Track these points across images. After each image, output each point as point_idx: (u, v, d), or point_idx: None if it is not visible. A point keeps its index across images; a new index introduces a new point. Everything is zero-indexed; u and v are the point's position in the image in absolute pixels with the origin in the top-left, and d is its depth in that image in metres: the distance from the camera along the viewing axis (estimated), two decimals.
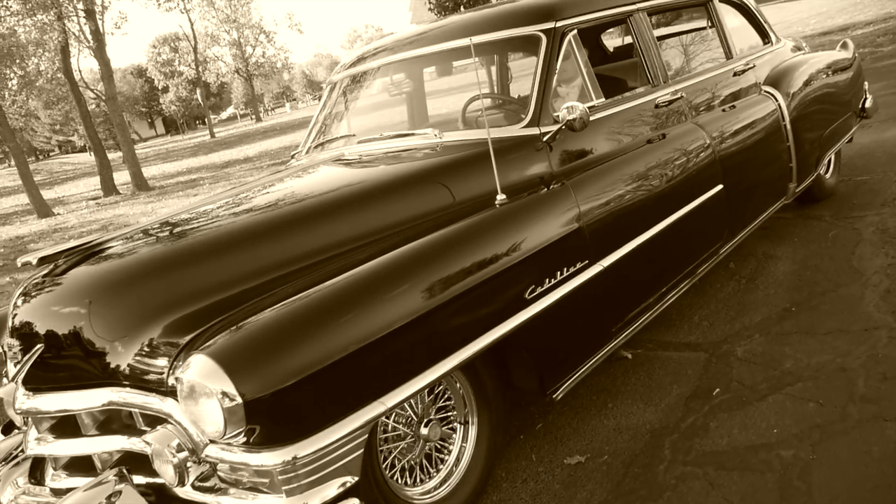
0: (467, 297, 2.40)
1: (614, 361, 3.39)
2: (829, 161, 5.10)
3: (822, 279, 3.77)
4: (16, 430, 2.88)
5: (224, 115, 76.51)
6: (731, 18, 4.63)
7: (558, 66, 3.11)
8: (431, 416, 2.49)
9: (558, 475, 2.68)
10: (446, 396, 2.57)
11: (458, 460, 2.59)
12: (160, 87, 68.46)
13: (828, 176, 5.04)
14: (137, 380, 2.23)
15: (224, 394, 1.91)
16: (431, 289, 2.34)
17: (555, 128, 2.92)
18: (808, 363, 3.01)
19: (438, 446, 2.57)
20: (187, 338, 2.17)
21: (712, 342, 3.39)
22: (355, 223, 2.65)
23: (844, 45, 5.68)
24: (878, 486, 2.23)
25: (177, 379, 2.03)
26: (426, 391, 2.48)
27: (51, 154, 65.88)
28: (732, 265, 4.21)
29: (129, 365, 2.25)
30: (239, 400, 1.90)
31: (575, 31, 3.20)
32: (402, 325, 2.21)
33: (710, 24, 4.33)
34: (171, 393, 2.10)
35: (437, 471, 2.56)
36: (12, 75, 20.50)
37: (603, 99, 3.18)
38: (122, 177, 20.94)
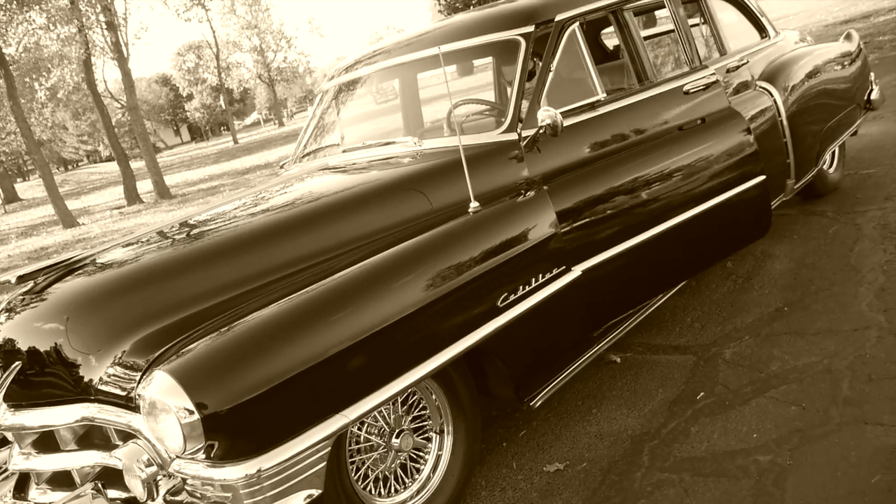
0: (436, 306, 2.40)
1: (602, 366, 3.37)
2: (833, 155, 5.03)
3: (817, 277, 3.72)
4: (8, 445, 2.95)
5: (248, 120, 77.27)
6: (727, 14, 4.59)
7: (552, 65, 3.11)
8: (404, 427, 2.50)
9: (537, 483, 2.68)
10: (421, 406, 2.58)
11: (434, 470, 2.60)
12: (185, 95, 69.29)
13: (831, 170, 4.97)
14: (110, 395, 2.27)
15: (182, 409, 1.94)
16: (399, 299, 2.35)
17: (532, 132, 2.92)
18: (794, 365, 2.97)
19: (414, 456, 2.58)
20: (157, 353, 2.21)
21: (702, 345, 3.36)
22: (331, 234, 2.67)
23: (848, 37, 5.58)
24: (852, 492, 2.20)
25: (139, 395, 2.07)
26: (399, 401, 2.49)
27: (79, 164, 67.04)
28: (730, 264, 4.16)
29: (102, 381, 2.30)
30: (197, 415, 1.93)
31: (575, 25, 3.21)
32: (368, 336, 2.23)
33: (702, 20, 4.29)
34: (139, 408, 2.14)
35: (413, 481, 2.57)
36: (38, 88, 20.92)
37: (585, 101, 3.13)
38: (145, 185, 21.25)
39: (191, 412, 1.93)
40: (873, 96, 5.23)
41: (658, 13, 5.18)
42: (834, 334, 3.13)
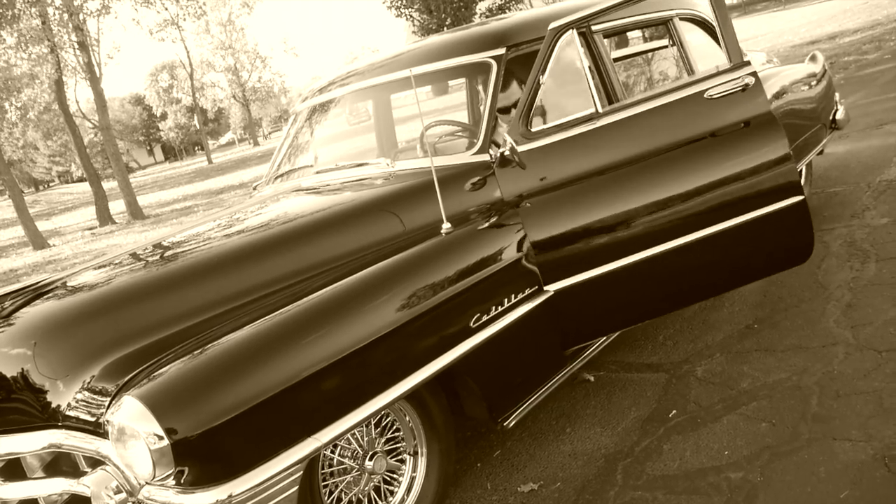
0: (409, 327, 2.41)
1: (575, 384, 3.39)
2: (801, 174, 5.12)
3: (786, 294, 3.77)
4: None
5: (223, 140, 76.92)
6: (695, 36, 4.67)
7: (544, 82, 2.98)
8: (377, 449, 2.49)
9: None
10: (394, 427, 2.58)
11: (408, 492, 2.59)
12: (158, 115, 68.87)
13: None
14: (78, 421, 2.24)
15: (152, 435, 1.92)
16: (371, 320, 2.35)
17: (501, 151, 2.93)
18: (764, 382, 3.01)
19: (388, 478, 2.57)
20: (126, 378, 2.19)
21: (674, 362, 3.39)
22: (303, 255, 2.67)
23: (814, 58, 5.71)
24: None
25: (107, 421, 2.04)
26: (372, 423, 2.49)
27: (50, 184, 66.23)
28: None
29: (70, 406, 2.27)
30: (167, 441, 1.91)
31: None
32: (340, 358, 2.22)
33: (670, 42, 4.36)
34: (108, 434, 2.11)
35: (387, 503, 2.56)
36: (8, 108, 20.68)
37: (561, 120, 3.08)
38: (118, 206, 21.04)
39: (160, 438, 1.91)
40: (839, 116, 5.34)
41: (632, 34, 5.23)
42: (803, 351, 3.17)
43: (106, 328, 2.39)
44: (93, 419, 2.18)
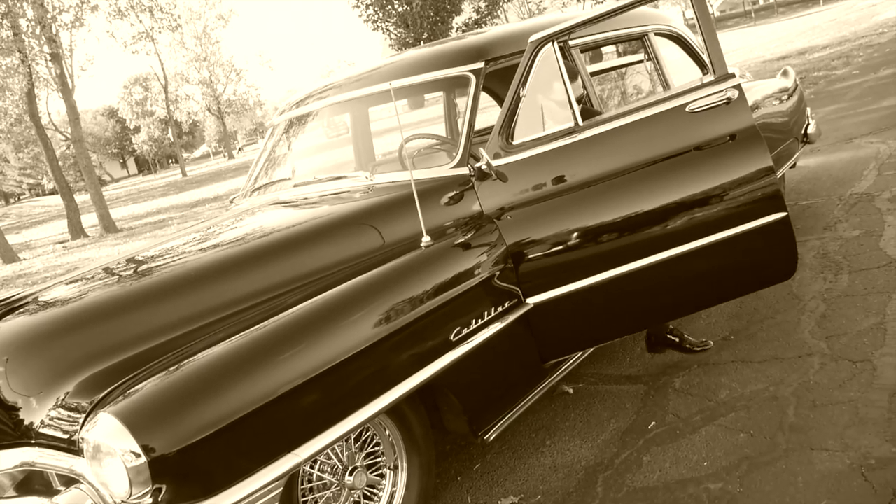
0: (390, 341, 2.39)
1: (555, 397, 3.39)
2: None
3: (761, 306, 3.81)
4: None
5: (197, 153, 76.39)
6: (669, 51, 4.73)
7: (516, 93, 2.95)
8: (357, 464, 2.47)
9: None
10: (374, 442, 2.56)
11: None
12: (132, 128, 68.20)
13: None
14: (51, 439, 2.20)
15: (128, 452, 1.89)
16: (353, 334, 2.34)
17: (479, 165, 2.93)
18: (742, 392, 3.03)
19: (368, 493, 2.55)
20: (101, 395, 2.15)
21: (652, 374, 3.40)
22: (282, 269, 2.65)
23: (785, 73, 5.80)
24: None
25: (82, 438, 2.00)
26: (352, 438, 2.46)
27: (21, 197, 65.27)
28: None
29: (43, 424, 2.23)
30: (144, 458, 1.88)
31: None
32: (320, 373, 2.20)
33: (646, 57, 4.41)
34: (82, 452, 2.07)
35: None
36: None
37: (542, 133, 3.00)
38: (90, 219, 20.76)
39: (137, 455, 1.88)
40: (810, 130, 5.43)
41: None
42: (779, 362, 3.20)
43: (80, 344, 2.35)
44: (67, 436, 2.14)
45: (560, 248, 2.88)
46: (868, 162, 6.17)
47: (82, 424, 2.09)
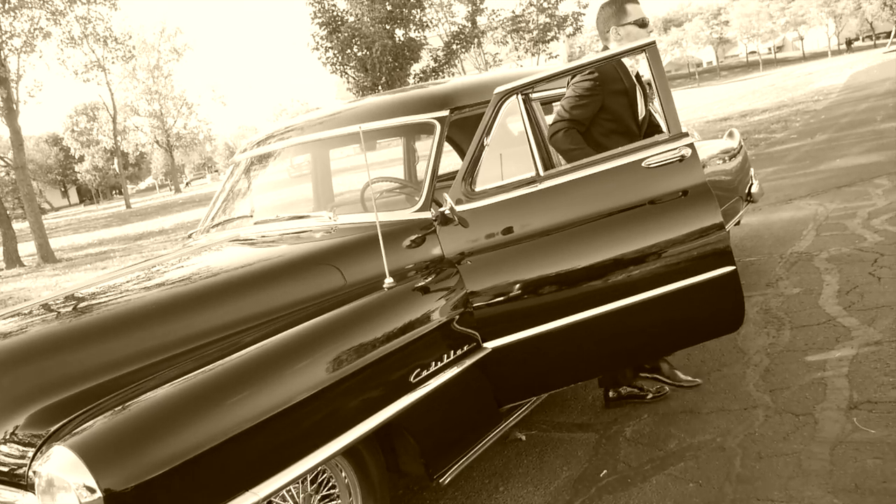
0: (349, 381, 2.39)
1: (508, 443, 3.41)
2: None
3: (708, 359, 3.92)
4: None
5: (142, 185, 75.14)
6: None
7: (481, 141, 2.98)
8: None
9: None
10: (330, 484, 2.53)
11: None
12: (76, 156, 66.78)
13: None
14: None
15: (84, 487, 1.84)
16: (312, 374, 2.33)
17: (442, 210, 2.98)
18: (690, 443, 3.10)
19: None
20: (53, 427, 2.10)
21: (604, 422, 3.46)
22: (243, 306, 2.63)
23: (731, 134, 6.07)
24: None
25: (35, 472, 1.94)
26: (308, 479, 2.44)
27: None
28: None
29: None
30: (99, 494, 1.83)
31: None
32: (278, 412, 2.19)
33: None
34: (33, 487, 2.01)
35: None
36: None
37: (504, 182, 3.08)
38: (27, 248, 20.15)
39: (92, 491, 1.83)
40: (754, 189, 5.66)
41: None
42: (725, 413, 3.29)
43: (30, 376, 2.28)
44: (15, 470, 2.07)
45: (517, 294, 2.93)
46: (807, 222, 6.45)
47: (33, 458, 2.02)
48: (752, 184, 5.72)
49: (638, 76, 3.50)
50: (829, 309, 4.26)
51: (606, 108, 3.31)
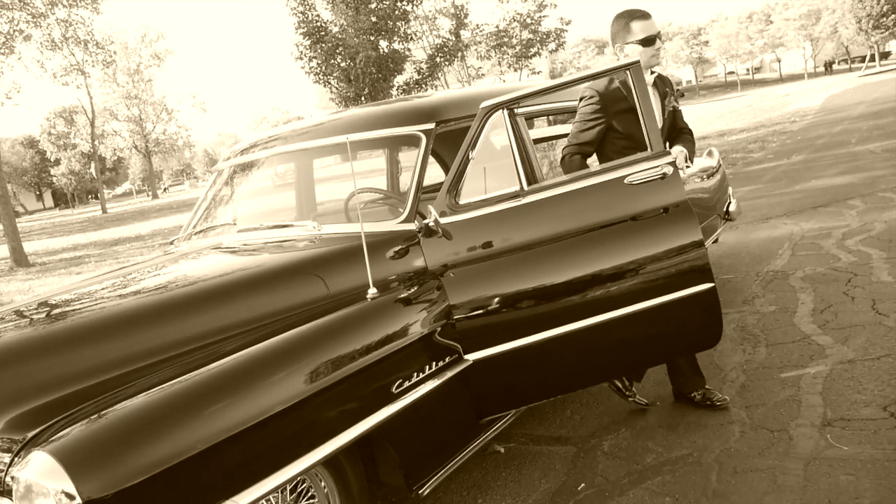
0: (331, 391, 2.40)
1: (487, 455, 3.42)
2: None
3: None
4: None
5: (119, 190, 74.46)
6: None
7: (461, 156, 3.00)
8: None
9: None
10: (310, 494, 2.53)
11: None
12: (52, 159, 66.02)
13: None
14: None
15: (63, 494, 1.83)
16: (294, 383, 2.34)
17: (426, 223, 3.00)
18: (667, 457, 3.13)
19: None
20: (31, 433, 2.08)
21: (582, 436, 3.48)
22: (225, 314, 2.62)
23: (710, 153, 6.16)
24: None
25: (13, 478, 1.93)
26: (287, 488, 2.43)
27: None
28: None
29: None
30: (79, 500, 1.82)
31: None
32: (258, 422, 2.19)
33: None
34: (10, 493, 1.99)
35: None
36: None
37: (488, 195, 3.09)
38: (1, 251, 19.87)
39: (71, 497, 1.82)
40: (731, 208, 5.75)
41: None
42: (702, 428, 3.33)
43: (11, 379, 2.26)
44: None
45: (499, 307, 2.95)
46: (783, 242, 6.55)
47: (10, 464, 2.01)
48: (730, 202, 5.80)
49: (660, 77, 3.56)
50: (803, 327, 4.33)
51: (615, 128, 3.38)
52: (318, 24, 19.36)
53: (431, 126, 3.32)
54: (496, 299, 2.96)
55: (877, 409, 3.19)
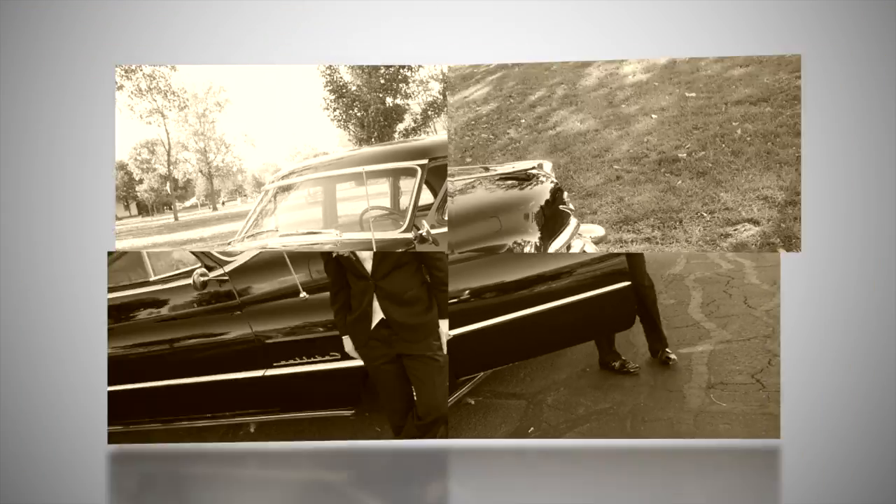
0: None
1: (461, 406, 3.42)
2: None
3: None
4: None
5: (188, 203, 73.69)
6: None
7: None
8: None
9: None
10: None
11: None
12: (137, 179, 65.36)
13: None
14: None
15: None
16: None
17: (420, 232, 3.04)
18: (594, 409, 3.16)
19: None
20: None
21: (531, 393, 3.49)
22: None
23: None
24: None
25: None
26: None
27: None
28: None
29: None
30: None
31: None
32: None
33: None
34: None
35: None
36: None
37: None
38: None
39: None
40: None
41: None
42: (620, 388, 3.34)
43: None
44: None
45: (469, 296, 3.02)
46: (679, 253, 6.59)
47: None
48: None
49: None
50: (695, 315, 4.37)
51: None
52: (341, 83, 19.35)
53: (425, 161, 3.36)
54: (472, 289, 3.01)
55: (747, 376, 3.25)
